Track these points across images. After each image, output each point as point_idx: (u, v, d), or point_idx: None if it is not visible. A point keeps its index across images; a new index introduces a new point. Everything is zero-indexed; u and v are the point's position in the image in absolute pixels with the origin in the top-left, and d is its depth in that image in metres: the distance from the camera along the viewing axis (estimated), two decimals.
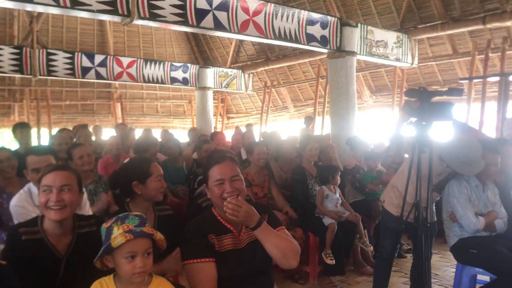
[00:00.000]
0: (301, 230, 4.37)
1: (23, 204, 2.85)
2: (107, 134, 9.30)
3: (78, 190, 2.19)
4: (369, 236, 4.98)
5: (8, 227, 3.05)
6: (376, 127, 10.68)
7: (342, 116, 7.00)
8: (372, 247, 4.68)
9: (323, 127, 10.19)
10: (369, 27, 7.63)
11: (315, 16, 6.64)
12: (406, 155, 4.08)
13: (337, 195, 4.60)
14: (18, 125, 5.75)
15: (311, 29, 6.55)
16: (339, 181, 4.68)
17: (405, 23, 8.92)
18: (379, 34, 7.79)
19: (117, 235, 1.77)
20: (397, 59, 8.27)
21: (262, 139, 7.65)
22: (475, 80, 8.03)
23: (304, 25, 6.45)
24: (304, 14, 6.47)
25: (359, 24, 7.31)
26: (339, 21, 6.97)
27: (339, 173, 4.73)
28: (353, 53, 7.06)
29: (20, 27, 11.45)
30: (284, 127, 12.57)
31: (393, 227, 3.56)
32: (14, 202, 2.88)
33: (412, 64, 8.68)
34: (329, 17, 6.89)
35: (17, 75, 9.71)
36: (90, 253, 1.96)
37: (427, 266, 2.84)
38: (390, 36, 8.10)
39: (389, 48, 8.03)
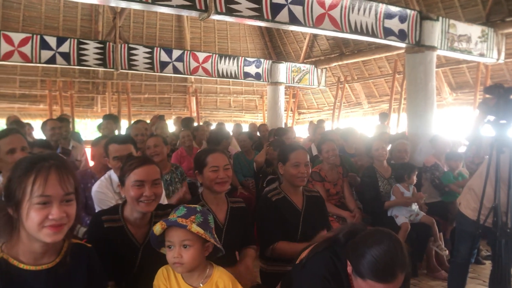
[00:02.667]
0: None
1: (103, 190, 2.97)
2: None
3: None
4: (445, 239, 4.75)
5: (94, 211, 3.21)
6: (456, 126, 10.15)
7: (419, 113, 6.71)
8: (447, 251, 4.45)
9: (398, 124, 9.85)
10: (451, 21, 7.25)
11: (394, 9, 6.41)
12: (487, 156, 3.84)
13: (411, 194, 4.43)
14: (107, 116, 6.08)
15: (389, 23, 6.33)
16: (415, 181, 4.51)
17: (491, 16, 8.38)
18: (462, 28, 7.38)
19: (157, 223, 1.83)
20: (481, 55, 7.78)
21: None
22: None
23: (381, 19, 6.25)
24: (382, 8, 6.27)
25: (440, 18, 6.97)
26: (419, 15, 6.68)
27: (416, 172, 4.54)
28: (433, 48, 6.74)
29: (104, 23, 12.10)
30: (357, 123, 12.30)
31: (469, 231, 3.36)
32: (95, 188, 3.02)
33: (498, 59, 8.14)
34: (408, 11, 6.63)
35: (101, 69, 10.26)
36: None
37: (507, 274, 2.66)
38: (474, 30, 7.64)
39: (472, 42, 7.58)
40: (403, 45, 6.72)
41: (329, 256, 1.91)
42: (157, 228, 1.81)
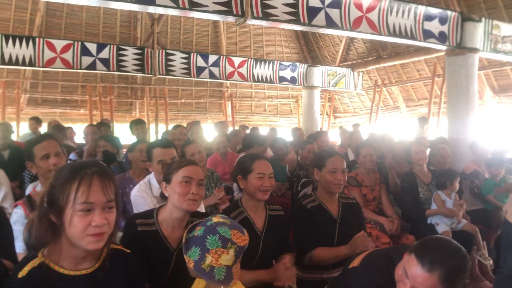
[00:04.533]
0: (413, 237, 4.14)
1: (142, 194, 3.02)
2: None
3: None
4: (489, 248, 4.56)
5: (128, 214, 3.26)
6: (500, 130, 9.79)
7: (460, 117, 6.50)
8: (491, 261, 4.28)
9: (438, 129, 9.59)
10: (495, 22, 6.98)
11: (433, 11, 6.24)
12: None
13: (453, 202, 4.29)
14: (134, 121, 6.20)
15: (429, 25, 6.17)
16: (457, 188, 4.35)
17: None
18: (507, 28, 7.09)
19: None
20: None
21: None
22: None
23: (421, 21, 6.10)
24: (422, 9, 6.11)
25: (482, 19, 6.73)
26: (460, 16, 6.47)
27: (458, 178, 4.39)
28: (475, 50, 6.52)
29: (142, 29, 12.38)
30: (395, 128, 12.06)
31: None
32: (134, 192, 3.07)
33: None
34: (448, 12, 6.44)
35: (139, 74, 10.44)
36: None
37: None
38: None
39: None
40: (443, 47, 6.53)
41: (385, 265, 1.89)
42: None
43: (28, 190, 2.86)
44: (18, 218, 2.28)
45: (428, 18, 6.16)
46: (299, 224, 2.88)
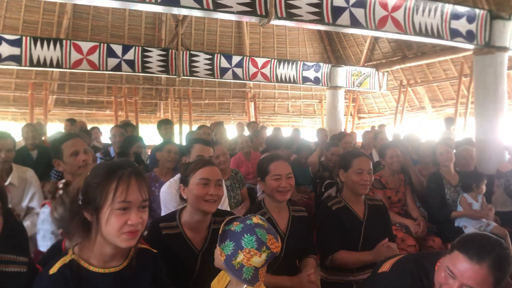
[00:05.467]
0: (439, 239, 4.06)
1: (172, 191, 3.03)
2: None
3: None
4: None
5: (156, 214, 3.29)
6: None
7: (488, 118, 6.35)
8: None
9: (465, 130, 9.40)
10: None
11: (461, 9, 6.12)
12: None
13: (480, 205, 4.18)
14: (162, 121, 6.26)
15: (456, 24, 6.04)
16: (484, 190, 4.25)
17: None
18: None
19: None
20: None
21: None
22: None
23: (448, 20, 5.98)
24: (449, 8, 6.00)
25: None
26: (489, 14, 6.32)
27: (485, 181, 4.28)
28: (504, 49, 6.35)
29: (167, 31, 12.50)
30: (420, 129, 11.86)
31: None
32: (164, 189, 3.10)
33: None
34: (477, 10, 6.30)
35: (164, 75, 10.55)
36: None
37: None
38: None
39: None
40: (471, 46, 6.39)
41: (416, 271, 1.85)
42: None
43: None
44: (45, 217, 2.31)
45: (456, 16, 6.04)
46: (324, 225, 2.86)
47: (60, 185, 2.10)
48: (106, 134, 7.39)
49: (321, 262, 2.84)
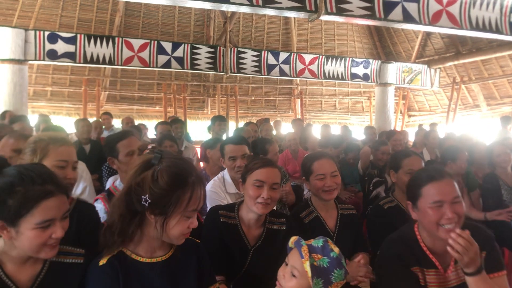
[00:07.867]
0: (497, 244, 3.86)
1: (216, 190, 3.06)
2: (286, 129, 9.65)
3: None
4: None
5: (202, 210, 3.30)
6: None
7: None
8: None
9: None
10: None
11: None
12: None
13: None
14: (217, 117, 6.26)
15: None
16: None
17: None
18: None
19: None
20: None
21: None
22: None
23: (507, 13, 5.70)
24: (509, 1, 5.71)
25: None
26: None
27: None
28: None
29: (215, 28, 12.61)
30: (474, 128, 11.40)
31: None
32: (208, 187, 3.11)
33: None
34: None
35: (211, 72, 10.67)
36: (276, 250, 2.04)
37: None
38: None
39: None
40: None
41: (398, 239, 1.97)
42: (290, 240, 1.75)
43: (108, 183, 2.97)
44: (98, 212, 2.36)
45: None
46: (376, 224, 2.79)
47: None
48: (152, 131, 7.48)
49: (372, 261, 2.76)
